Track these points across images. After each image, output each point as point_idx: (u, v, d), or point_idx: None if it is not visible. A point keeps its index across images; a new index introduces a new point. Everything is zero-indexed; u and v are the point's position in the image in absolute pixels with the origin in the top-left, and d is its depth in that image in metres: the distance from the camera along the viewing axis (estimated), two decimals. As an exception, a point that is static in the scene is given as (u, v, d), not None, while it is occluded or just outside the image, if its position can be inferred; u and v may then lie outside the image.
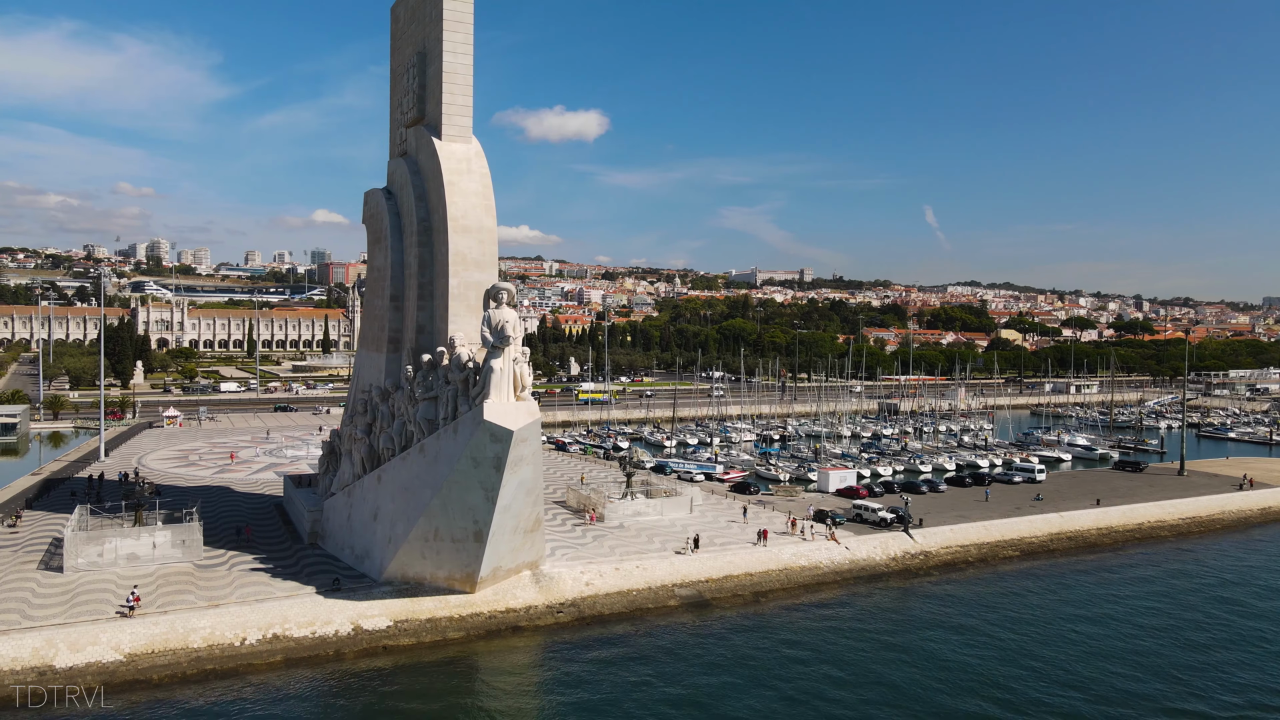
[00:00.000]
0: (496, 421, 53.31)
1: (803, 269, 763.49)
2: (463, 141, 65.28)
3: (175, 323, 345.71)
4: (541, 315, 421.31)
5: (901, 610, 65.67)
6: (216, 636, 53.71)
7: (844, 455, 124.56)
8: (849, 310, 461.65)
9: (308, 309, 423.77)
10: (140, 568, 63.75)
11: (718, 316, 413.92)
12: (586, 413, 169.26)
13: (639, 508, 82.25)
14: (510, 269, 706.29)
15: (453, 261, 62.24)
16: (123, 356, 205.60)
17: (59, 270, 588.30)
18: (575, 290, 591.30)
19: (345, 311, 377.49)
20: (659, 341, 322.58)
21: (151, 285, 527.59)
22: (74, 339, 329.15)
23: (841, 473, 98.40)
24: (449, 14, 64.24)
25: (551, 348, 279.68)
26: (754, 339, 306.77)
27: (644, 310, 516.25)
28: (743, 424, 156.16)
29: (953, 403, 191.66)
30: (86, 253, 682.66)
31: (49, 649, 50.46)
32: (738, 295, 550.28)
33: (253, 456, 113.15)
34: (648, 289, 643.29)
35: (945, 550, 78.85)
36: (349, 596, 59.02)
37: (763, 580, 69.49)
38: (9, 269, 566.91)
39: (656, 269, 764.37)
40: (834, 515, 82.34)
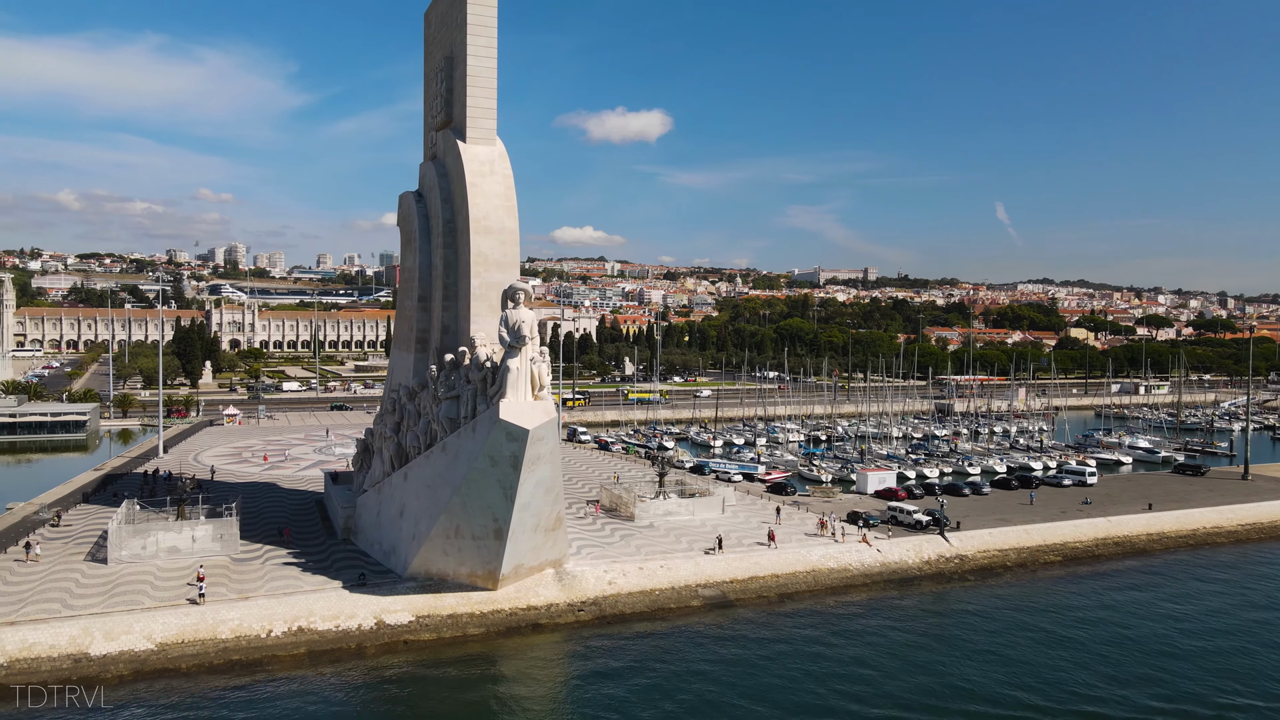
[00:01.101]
0: (512, 420, 53.81)
1: (866, 268, 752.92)
2: (486, 144, 66.09)
3: (246, 324, 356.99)
4: (601, 315, 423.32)
5: (930, 615, 64.37)
6: (244, 628, 55.31)
7: (889, 456, 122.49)
8: (911, 309, 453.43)
9: (372, 310, 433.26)
10: (180, 560, 66.04)
11: (777, 316, 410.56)
12: (635, 412, 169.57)
13: (670, 507, 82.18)
14: (572, 270, 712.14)
15: (474, 262, 63.09)
16: (192, 357, 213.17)
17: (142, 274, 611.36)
18: (636, 290, 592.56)
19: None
20: (715, 341, 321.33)
21: (227, 288, 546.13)
22: (152, 340, 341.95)
23: (880, 474, 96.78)
24: (472, 18, 65.11)
25: (607, 348, 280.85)
26: (811, 339, 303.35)
27: (704, 310, 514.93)
28: (791, 424, 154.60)
29: (1011, 403, 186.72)
30: (168, 257, 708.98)
31: (85, 637, 52.57)
32: (799, 295, 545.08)
33: (303, 454, 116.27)
34: (709, 289, 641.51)
35: (982, 554, 76.95)
36: (374, 591, 60.25)
37: (789, 582, 68.81)
38: (96, 273, 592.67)
39: (719, 269, 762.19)
40: (868, 517, 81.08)
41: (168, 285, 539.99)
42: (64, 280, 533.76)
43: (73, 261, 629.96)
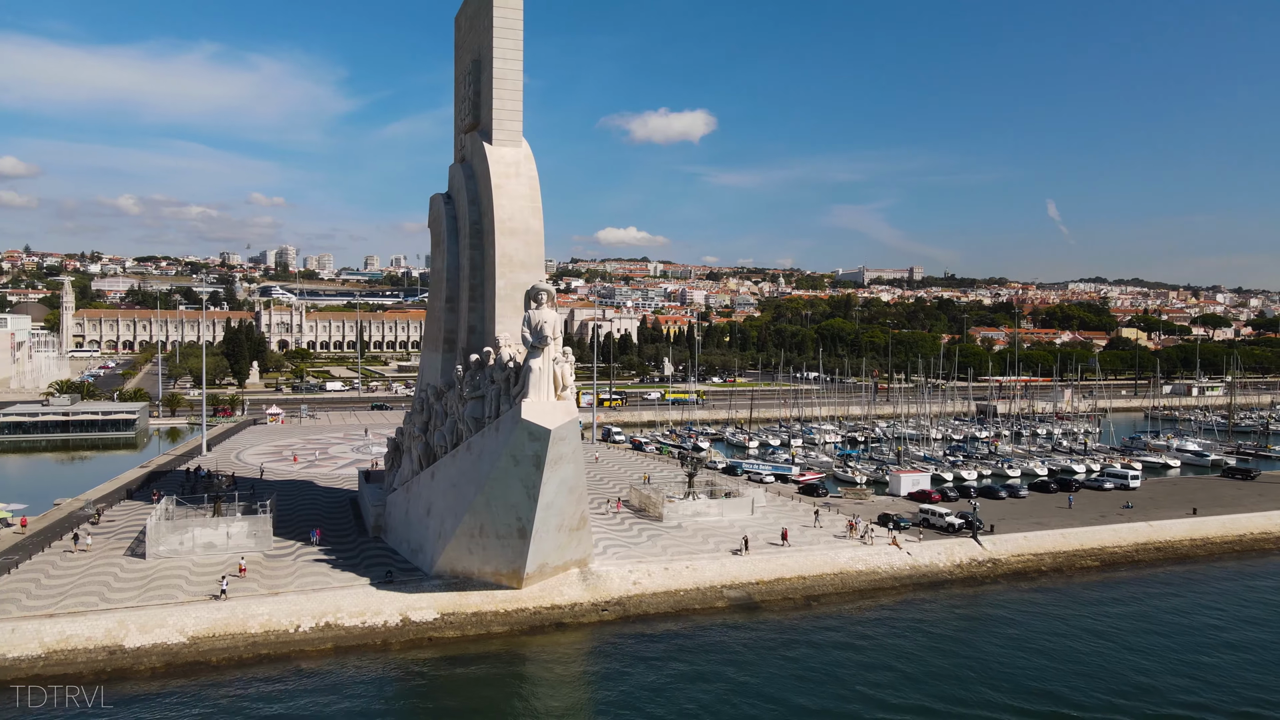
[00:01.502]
0: (534, 420, 54.09)
1: (912, 267, 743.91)
2: (512, 145, 66.57)
3: (294, 325, 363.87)
4: (642, 316, 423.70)
5: (960, 619, 63.36)
6: (272, 623, 56.40)
7: (926, 458, 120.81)
8: (957, 309, 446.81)
9: (417, 310, 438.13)
10: (215, 555, 67.56)
11: (819, 316, 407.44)
12: (671, 413, 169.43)
13: (699, 508, 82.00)
14: (615, 270, 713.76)
15: (499, 263, 63.59)
16: (239, 357, 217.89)
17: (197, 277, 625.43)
18: (678, 291, 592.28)
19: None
20: (755, 341, 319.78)
21: (278, 290, 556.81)
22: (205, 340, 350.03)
23: (914, 476, 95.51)
24: (498, 21, 65.62)
25: (647, 348, 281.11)
26: (852, 339, 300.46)
27: (746, 310, 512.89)
28: (828, 425, 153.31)
29: (1056, 405, 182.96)
30: (222, 260, 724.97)
31: (120, 630, 54.05)
32: (842, 295, 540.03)
33: (340, 453, 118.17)
34: (751, 289, 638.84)
35: (1016, 558, 75.57)
36: (400, 589, 61.04)
37: (816, 584, 68.25)
38: (153, 276, 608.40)
39: (762, 269, 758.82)
40: (898, 519, 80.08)
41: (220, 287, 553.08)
42: (122, 283, 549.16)
43: (131, 264, 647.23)
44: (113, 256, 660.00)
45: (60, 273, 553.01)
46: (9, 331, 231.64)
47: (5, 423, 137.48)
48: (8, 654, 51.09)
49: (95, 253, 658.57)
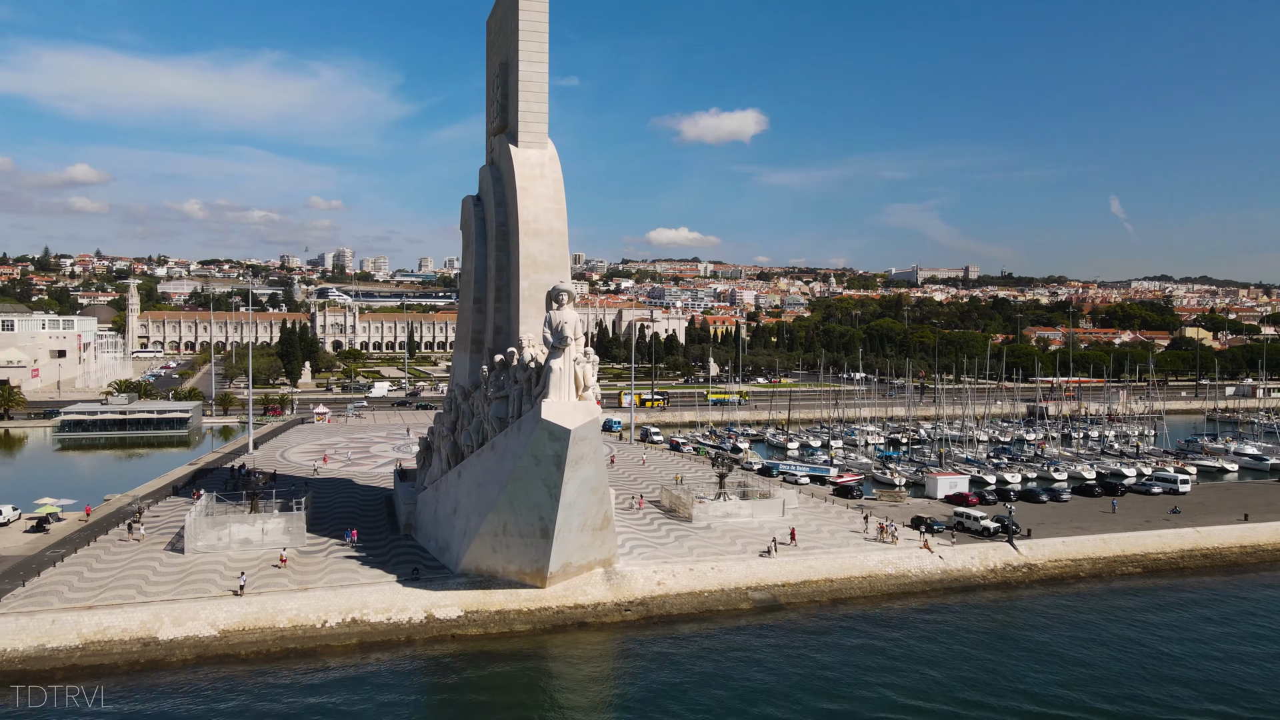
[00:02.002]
0: (554, 420, 54.36)
1: (967, 266, 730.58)
2: (538, 147, 67.08)
3: (348, 326, 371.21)
4: (691, 316, 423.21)
5: (989, 624, 62.10)
6: (301, 618, 57.60)
7: (968, 460, 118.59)
8: (1012, 308, 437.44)
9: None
10: (251, 551, 69.27)
11: (869, 316, 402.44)
12: (713, 413, 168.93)
13: (729, 509, 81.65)
14: (665, 271, 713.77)
15: (523, 264, 64.12)
16: (292, 358, 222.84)
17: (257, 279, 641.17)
18: (728, 291, 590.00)
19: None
20: (802, 342, 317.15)
21: (334, 291, 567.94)
22: (262, 341, 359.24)
23: (951, 478, 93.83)
24: (524, 24, 66.19)
25: (692, 348, 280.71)
26: (900, 339, 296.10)
27: (796, 310, 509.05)
28: (871, 427, 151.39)
29: (1111, 406, 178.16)
30: (281, 262, 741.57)
31: (155, 622, 55.70)
32: (893, 295, 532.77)
33: (382, 451, 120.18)
34: (802, 289, 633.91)
35: (1052, 563, 73.82)
36: (426, 586, 61.88)
37: (843, 586, 67.49)
38: (215, 278, 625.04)
39: (814, 269, 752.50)
40: (932, 522, 78.77)
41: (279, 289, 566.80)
42: (186, 285, 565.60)
43: (195, 267, 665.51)
44: (178, 260, 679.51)
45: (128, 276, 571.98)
46: (76, 333, 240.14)
47: (66, 421, 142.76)
48: (47, 644, 52.96)
49: (162, 256, 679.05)
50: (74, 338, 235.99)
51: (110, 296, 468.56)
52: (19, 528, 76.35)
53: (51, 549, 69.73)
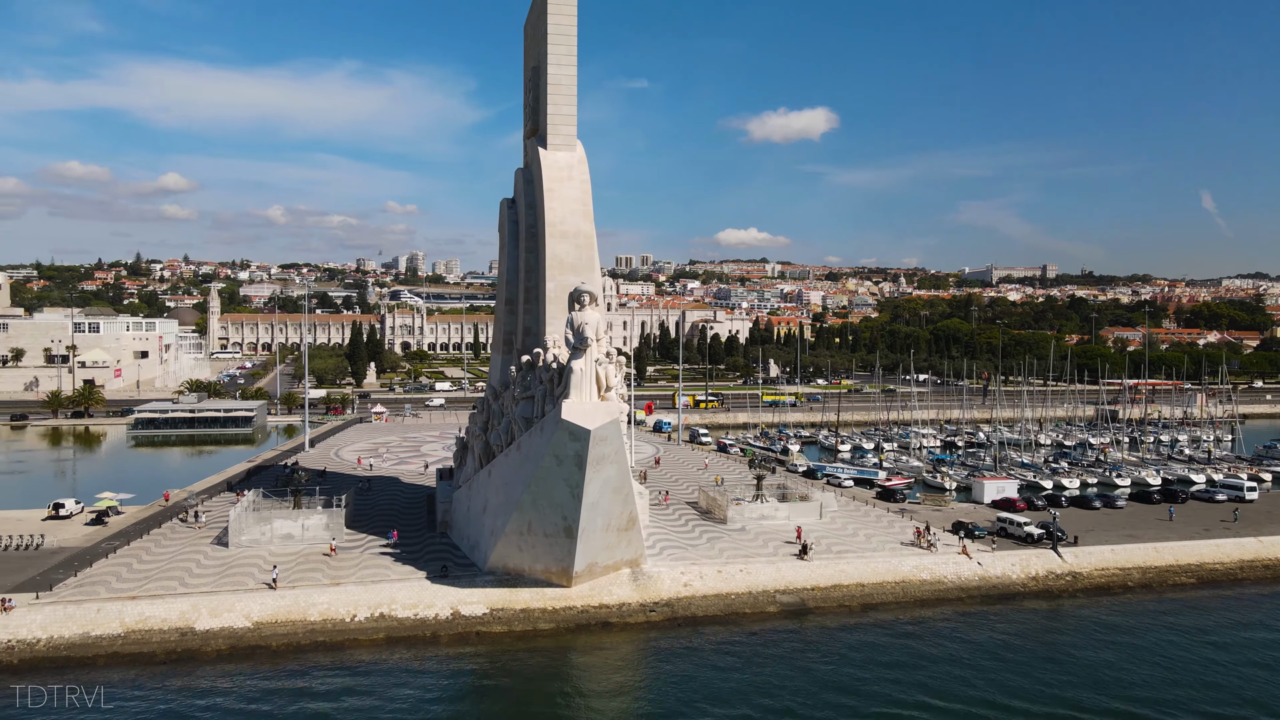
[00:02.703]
0: (574, 421, 54.66)
1: (1045, 265, 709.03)
2: (567, 150, 67.61)
3: (416, 328, 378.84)
4: (755, 317, 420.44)
5: (1025, 633, 60.16)
6: (331, 612, 59.05)
7: (1025, 465, 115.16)
8: (1090, 308, 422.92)
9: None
10: (292, 546, 71.31)
11: (938, 317, 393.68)
12: (768, 415, 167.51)
13: (765, 511, 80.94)
14: (732, 272, 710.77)
15: (550, 266, 64.67)
16: (358, 359, 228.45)
17: (333, 282, 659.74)
18: (794, 292, 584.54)
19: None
20: (866, 343, 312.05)
21: (406, 294, 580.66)
22: (334, 342, 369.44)
23: (999, 483, 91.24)
24: (553, 27, 66.82)
25: (754, 350, 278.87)
26: (967, 340, 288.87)
27: (863, 311, 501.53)
28: (928, 429, 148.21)
29: (1187, 410, 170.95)
30: (357, 265, 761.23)
31: (193, 613, 57.75)
32: (964, 295, 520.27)
33: (432, 451, 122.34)
34: (871, 289, 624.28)
35: (1099, 572, 71.21)
36: (454, 583, 62.82)
37: (875, 591, 66.28)
38: (294, 282, 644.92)
39: (884, 269, 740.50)
40: (973, 528, 76.77)
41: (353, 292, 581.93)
42: (267, 288, 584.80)
43: (275, 271, 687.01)
44: (260, 264, 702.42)
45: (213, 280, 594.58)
46: (158, 335, 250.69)
47: (139, 419, 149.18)
48: (91, 632, 55.40)
49: (245, 260, 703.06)
50: (155, 339, 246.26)
51: (195, 300, 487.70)
52: (80, 520, 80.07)
53: (106, 541, 72.91)
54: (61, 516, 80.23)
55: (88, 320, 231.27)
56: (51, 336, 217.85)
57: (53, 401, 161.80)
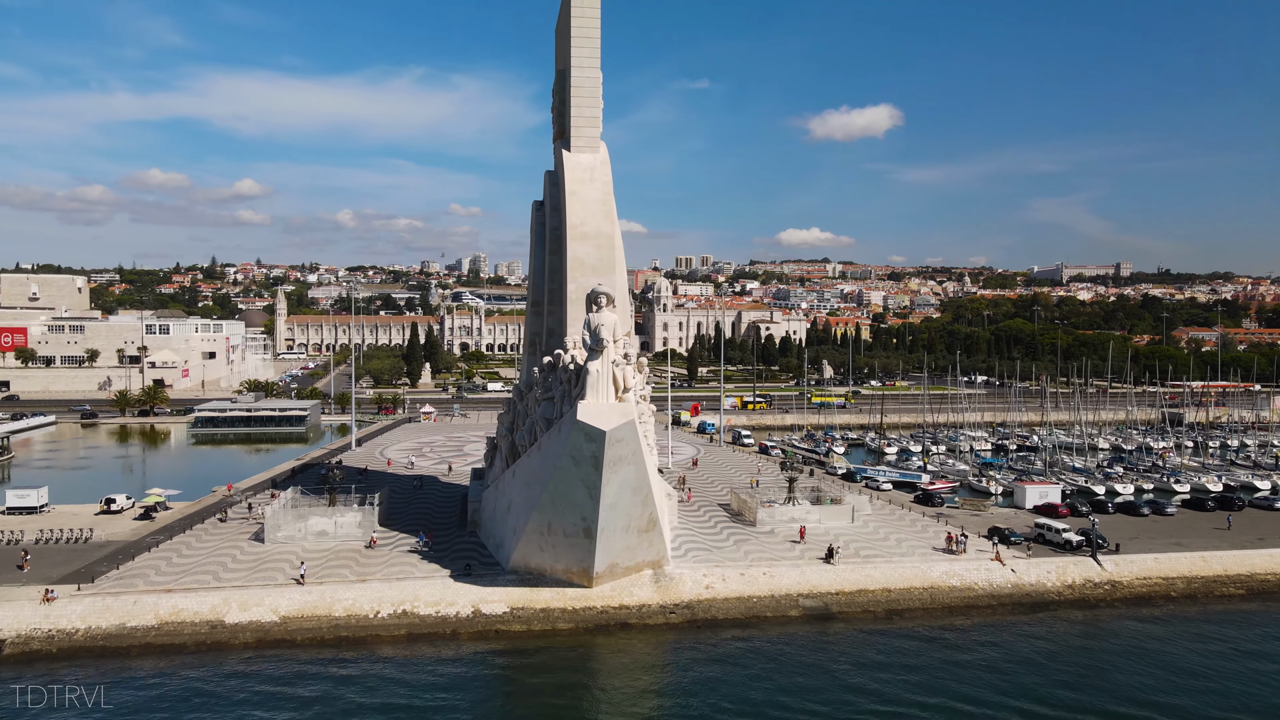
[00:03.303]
0: (589, 422, 54.86)
1: (1119, 263, 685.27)
2: (590, 152, 67.87)
3: (475, 329, 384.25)
4: (813, 318, 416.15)
5: (1055, 642, 58.36)
6: (355, 608, 60.21)
7: (1077, 469, 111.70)
8: (1164, 307, 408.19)
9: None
10: (325, 543, 72.94)
11: (1001, 316, 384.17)
12: (816, 416, 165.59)
13: (795, 514, 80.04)
14: (792, 272, 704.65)
15: (571, 267, 64.99)
16: (414, 359, 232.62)
17: (398, 284, 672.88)
18: (854, 292, 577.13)
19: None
20: (924, 343, 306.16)
21: (467, 295, 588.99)
22: (395, 343, 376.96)
23: (1041, 488, 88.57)
24: (576, 30, 67.15)
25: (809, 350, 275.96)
26: (1029, 340, 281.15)
27: (925, 311, 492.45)
28: (980, 432, 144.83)
29: (1259, 413, 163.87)
30: (421, 268, 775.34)
31: (224, 606, 59.47)
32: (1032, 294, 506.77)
33: (476, 450, 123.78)
34: (934, 289, 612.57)
35: (1140, 581, 68.70)
36: (476, 582, 63.52)
37: (901, 597, 65.03)
38: (359, 284, 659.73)
39: (949, 268, 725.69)
40: (1009, 533, 74.75)
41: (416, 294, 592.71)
42: (334, 291, 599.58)
43: (342, 274, 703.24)
44: (328, 267, 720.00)
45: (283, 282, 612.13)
46: (224, 336, 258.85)
47: (199, 417, 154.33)
48: (127, 623, 57.45)
49: (314, 263, 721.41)
50: (222, 340, 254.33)
51: (266, 302, 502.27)
52: (130, 515, 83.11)
53: (151, 535, 75.53)
54: (113, 511, 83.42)
55: (158, 322, 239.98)
56: (124, 338, 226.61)
57: (120, 400, 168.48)
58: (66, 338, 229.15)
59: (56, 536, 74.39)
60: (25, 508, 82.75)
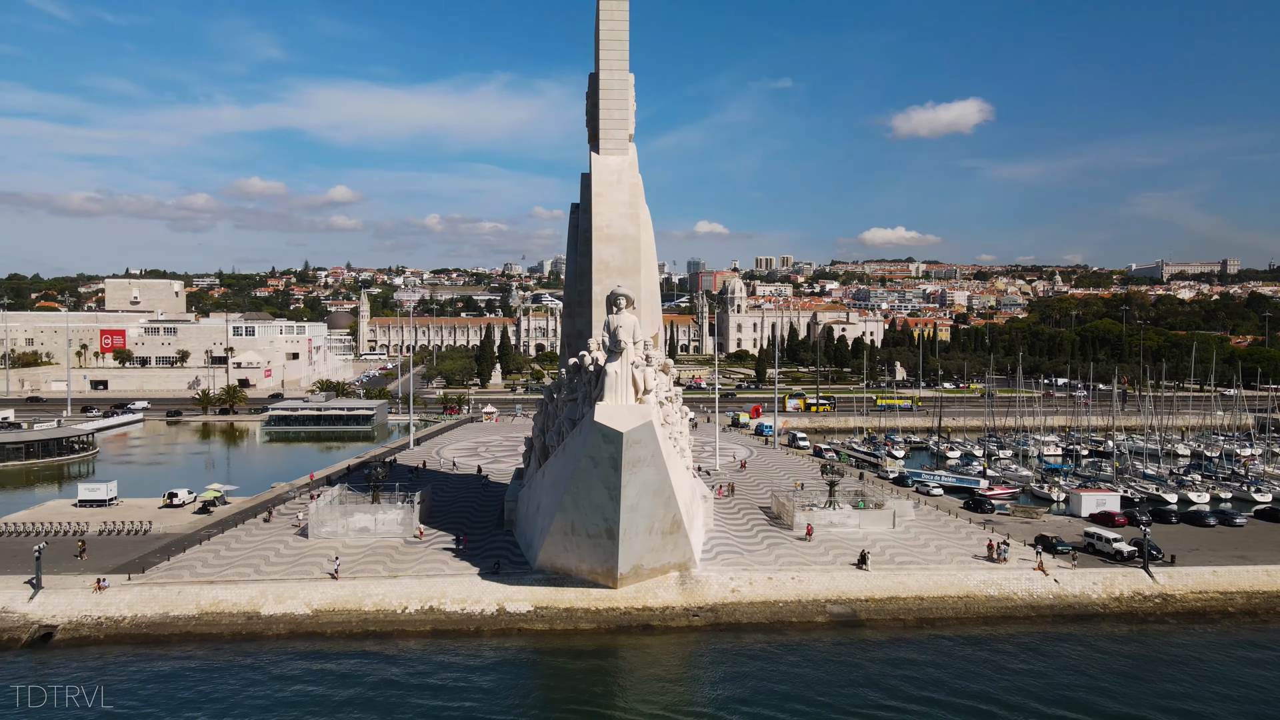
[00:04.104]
0: (606, 423, 55.01)
1: (1225, 259, 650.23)
2: (618, 154, 68.07)
3: (549, 330, 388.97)
4: (892, 319, 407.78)
5: (1094, 658, 55.87)
6: (384, 603, 61.70)
7: (1148, 476, 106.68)
8: (1271, 305, 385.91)
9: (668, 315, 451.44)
10: (365, 539, 74.95)
11: (1090, 316, 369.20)
12: (880, 419, 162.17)
13: (834, 518, 78.62)
14: (874, 272, 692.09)
15: (596, 269, 65.31)
16: (485, 360, 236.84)
17: (480, 286, 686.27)
18: (937, 292, 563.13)
19: (694, 318, 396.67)
20: (1004, 344, 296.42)
21: (547, 297, 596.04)
22: (473, 344, 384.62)
23: (1099, 495, 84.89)
24: (604, 33, 67.47)
25: (880, 351, 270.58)
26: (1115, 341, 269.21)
27: (1011, 311, 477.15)
28: (1050, 436, 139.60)
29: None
30: (503, 270, 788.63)
31: (261, 598, 61.70)
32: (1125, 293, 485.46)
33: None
34: (1023, 288, 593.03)
35: (1195, 595, 65.22)
36: (503, 580, 64.35)
37: (934, 606, 63.21)
38: (444, 286, 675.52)
39: (1040, 267, 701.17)
40: (1056, 542, 71.89)
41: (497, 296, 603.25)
42: (419, 293, 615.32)
43: (427, 276, 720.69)
44: (414, 270, 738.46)
45: (370, 285, 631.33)
46: (307, 337, 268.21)
47: (272, 415, 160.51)
48: (170, 613, 60.13)
49: (400, 267, 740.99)
50: (305, 342, 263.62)
51: (353, 304, 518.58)
52: (190, 509, 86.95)
53: (205, 529, 78.87)
54: (174, 505, 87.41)
55: (244, 324, 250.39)
56: (213, 339, 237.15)
57: (203, 399, 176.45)
58: (160, 339, 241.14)
59: (119, 528, 78.36)
60: (95, 501, 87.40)
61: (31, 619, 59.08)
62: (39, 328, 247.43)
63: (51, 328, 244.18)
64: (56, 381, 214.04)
